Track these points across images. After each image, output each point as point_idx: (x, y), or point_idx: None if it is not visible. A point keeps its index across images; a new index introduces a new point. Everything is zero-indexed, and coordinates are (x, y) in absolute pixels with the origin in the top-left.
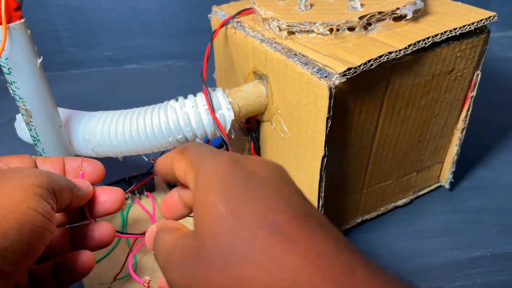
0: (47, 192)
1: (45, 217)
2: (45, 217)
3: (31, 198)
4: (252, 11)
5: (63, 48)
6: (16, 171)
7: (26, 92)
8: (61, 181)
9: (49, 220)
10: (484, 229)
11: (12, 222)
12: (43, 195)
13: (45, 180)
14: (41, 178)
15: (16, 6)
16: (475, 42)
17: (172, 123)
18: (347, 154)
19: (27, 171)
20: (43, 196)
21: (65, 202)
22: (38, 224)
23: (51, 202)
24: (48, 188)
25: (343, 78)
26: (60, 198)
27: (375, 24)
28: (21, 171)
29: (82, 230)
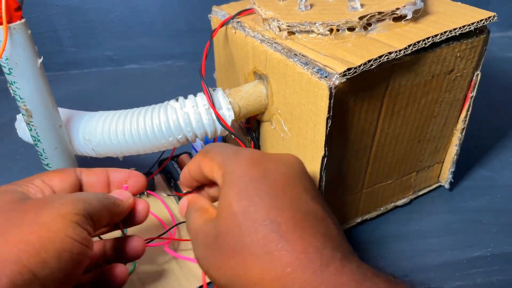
0: (83, 219)
1: (82, 244)
2: (82, 244)
3: (68, 226)
4: (252, 11)
5: (63, 48)
6: (54, 199)
7: (26, 92)
8: (98, 204)
9: (86, 246)
10: (484, 229)
11: (51, 251)
12: (79, 222)
13: (82, 206)
14: (77, 205)
15: (17, 6)
16: (475, 42)
17: (172, 123)
18: (347, 154)
19: (64, 198)
20: (80, 223)
21: (103, 223)
22: (75, 251)
23: (88, 228)
24: (85, 214)
25: (343, 78)
26: (97, 221)
27: (375, 24)
28: (59, 199)
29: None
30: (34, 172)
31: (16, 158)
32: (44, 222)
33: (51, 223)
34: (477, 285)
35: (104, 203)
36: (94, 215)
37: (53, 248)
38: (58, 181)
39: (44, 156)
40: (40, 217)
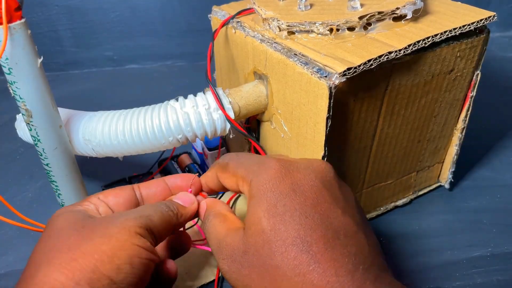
0: (145, 232)
1: (147, 251)
2: (147, 251)
3: (133, 236)
4: (252, 11)
5: (63, 48)
6: (118, 215)
7: (26, 92)
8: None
9: (152, 253)
10: (484, 229)
11: (123, 258)
12: (142, 234)
13: (144, 221)
14: (139, 220)
15: (17, 6)
16: (475, 42)
17: (172, 123)
18: (347, 154)
19: (127, 215)
20: (142, 235)
21: (165, 235)
22: (144, 256)
23: (150, 240)
24: (147, 228)
25: (343, 78)
26: (158, 234)
27: (375, 24)
28: (123, 215)
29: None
30: (34, 172)
31: (16, 158)
32: (112, 234)
33: (118, 234)
34: (477, 285)
35: (166, 217)
36: (154, 229)
37: (124, 255)
38: (112, 196)
39: (44, 156)
40: (108, 231)
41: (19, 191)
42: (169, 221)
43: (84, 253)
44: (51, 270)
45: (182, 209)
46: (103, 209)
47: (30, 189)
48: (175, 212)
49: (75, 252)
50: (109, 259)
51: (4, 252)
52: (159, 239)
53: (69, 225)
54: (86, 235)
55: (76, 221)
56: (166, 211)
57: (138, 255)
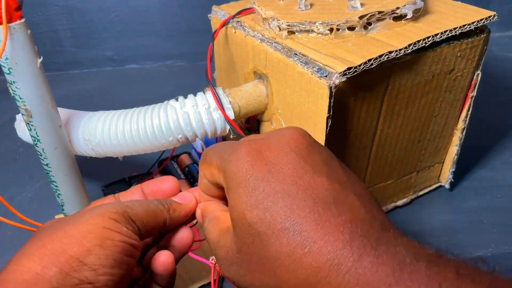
0: (122, 218)
1: (122, 234)
2: (122, 234)
3: (106, 221)
4: (252, 10)
5: (63, 48)
6: (93, 207)
7: (26, 92)
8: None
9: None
10: (484, 229)
11: (92, 240)
12: (117, 219)
13: (121, 208)
14: (116, 207)
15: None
16: (475, 42)
17: (172, 122)
18: (347, 154)
19: (106, 204)
20: (118, 220)
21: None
22: (117, 239)
23: (128, 226)
24: (124, 214)
25: (343, 77)
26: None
27: (375, 24)
28: (101, 205)
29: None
30: (34, 172)
31: (16, 158)
32: (83, 221)
33: (90, 219)
34: None
35: (151, 209)
36: (136, 218)
37: (93, 237)
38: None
39: (43, 156)
40: (80, 219)
41: (19, 191)
42: (157, 213)
43: (53, 239)
44: (22, 258)
45: (176, 205)
46: None
47: (30, 189)
48: (166, 207)
49: (45, 240)
50: (77, 241)
51: (4, 252)
52: (144, 230)
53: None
54: (58, 225)
55: (55, 220)
56: (154, 204)
57: (110, 237)
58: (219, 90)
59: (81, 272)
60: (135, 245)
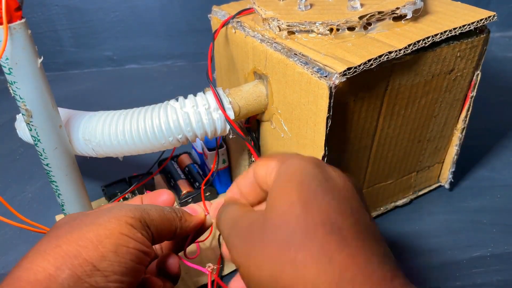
0: (138, 223)
1: (137, 241)
2: (137, 241)
3: (123, 226)
4: (252, 11)
5: (63, 48)
6: (111, 207)
7: (26, 92)
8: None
9: (143, 244)
10: (484, 229)
11: (108, 245)
12: (134, 225)
13: (138, 213)
14: (134, 212)
15: (17, 6)
16: (475, 42)
17: (172, 123)
18: (347, 154)
19: (122, 206)
20: (134, 226)
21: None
22: (131, 246)
23: (143, 232)
24: (141, 220)
25: (343, 77)
26: (156, 230)
27: (375, 24)
28: (117, 206)
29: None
30: (34, 172)
31: (16, 158)
32: (100, 223)
33: (107, 223)
34: (477, 285)
35: (165, 216)
36: (151, 224)
37: (109, 243)
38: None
39: (44, 156)
40: (97, 220)
41: (19, 191)
42: (170, 220)
43: (70, 240)
44: (36, 257)
45: (187, 215)
46: None
47: (30, 189)
48: (179, 215)
49: (61, 240)
50: (93, 246)
51: (4, 252)
52: (157, 236)
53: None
54: (76, 225)
55: (70, 218)
56: (168, 211)
57: (125, 244)
58: (219, 90)
59: (93, 277)
60: (147, 252)
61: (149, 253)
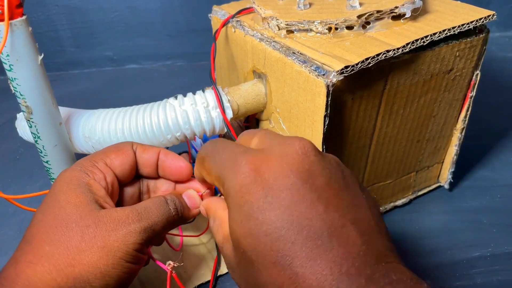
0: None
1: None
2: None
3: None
4: (251, 10)
5: (63, 48)
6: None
7: (26, 88)
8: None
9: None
10: (484, 229)
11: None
12: (139, 250)
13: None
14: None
15: (18, 3)
16: (474, 41)
17: (170, 121)
18: (345, 153)
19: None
20: (140, 251)
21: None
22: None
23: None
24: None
25: (340, 76)
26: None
27: (373, 23)
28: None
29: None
30: (34, 172)
31: (16, 158)
32: (111, 250)
33: (116, 251)
34: (477, 285)
35: (170, 221)
36: (154, 237)
37: (115, 273)
38: (118, 163)
39: (44, 153)
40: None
41: (19, 191)
42: (172, 223)
43: (81, 263)
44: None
45: (186, 211)
46: (110, 178)
47: (30, 189)
48: (180, 216)
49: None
50: (101, 275)
51: (4, 252)
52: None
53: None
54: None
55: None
56: (172, 215)
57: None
58: (219, 89)
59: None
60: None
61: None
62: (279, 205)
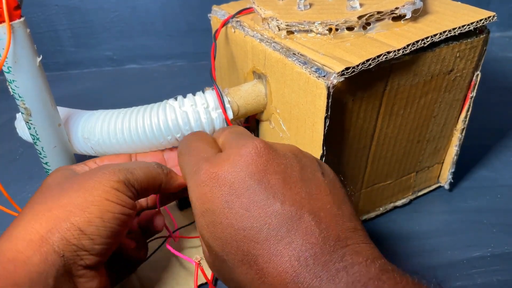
0: (123, 186)
1: (122, 206)
2: (122, 206)
3: (108, 191)
4: (251, 10)
5: (63, 48)
6: (97, 169)
7: (25, 90)
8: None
9: (128, 208)
10: (484, 229)
11: (94, 212)
12: (119, 188)
13: (122, 175)
14: (118, 174)
15: (16, 5)
16: (474, 42)
17: (171, 122)
18: (346, 154)
19: (106, 168)
20: (119, 189)
21: (149, 189)
22: (116, 211)
23: (128, 194)
24: (125, 182)
25: (341, 77)
26: (141, 188)
27: (374, 24)
28: (102, 169)
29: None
30: (33, 172)
31: (15, 158)
32: (87, 188)
33: (93, 189)
34: (477, 285)
35: (150, 172)
36: (136, 182)
37: (95, 209)
38: (107, 161)
39: (43, 155)
40: (84, 184)
41: (18, 191)
42: (155, 177)
43: (59, 205)
44: (31, 219)
45: (174, 173)
46: None
47: (30, 189)
48: (165, 172)
49: (52, 204)
50: (80, 212)
51: None
52: (142, 193)
53: (55, 181)
54: (65, 188)
55: (62, 177)
56: (154, 167)
57: (110, 210)
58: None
59: (80, 240)
60: (131, 213)
61: (132, 214)
62: (239, 209)
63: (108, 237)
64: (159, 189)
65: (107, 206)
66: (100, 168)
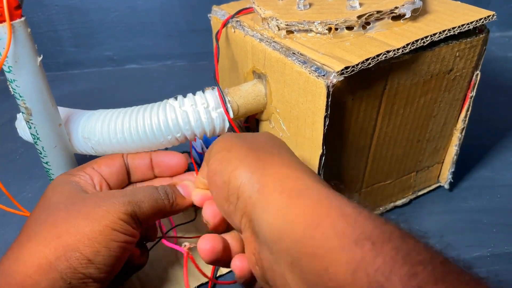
0: (130, 219)
1: (127, 235)
2: (127, 235)
3: (115, 222)
4: (251, 10)
5: (63, 48)
6: (106, 197)
7: (26, 90)
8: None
9: (131, 237)
10: (484, 229)
11: (102, 242)
12: (125, 220)
13: (130, 209)
14: (126, 207)
15: (16, 4)
16: (474, 42)
17: (171, 121)
18: (346, 153)
19: (116, 198)
20: (126, 221)
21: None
22: (121, 240)
23: (133, 225)
24: (132, 215)
25: (340, 76)
26: (145, 220)
27: (373, 23)
28: (111, 198)
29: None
30: (34, 172)
31: (16, 158)
32: (96, 218)
33: (101, 219)
34: None
35: (159, 205)
36: (142, 215)
37: (103, 240)
38: (105, 166)
39: (43, 154)
40: (92, 213)
41: (19, 191)
42: (161, 209)
43: (68, 232)
44: (40, 243)
45: (180, 199)
46: (98, 179)
47: (30, 189)
48: (171, 202)
49: (61, 230)
50: (89, 242)
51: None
52: (145, 224)
53: (61, 200)
54: (73, 214)
55: (68, 197)
56: (161, 199)
57: (116, 240)
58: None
59: (88, 269)
60: (134, 242)
61: (135, 241)
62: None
63: (112, 265)
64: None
65: (113, 236)
66: (108, 197)
